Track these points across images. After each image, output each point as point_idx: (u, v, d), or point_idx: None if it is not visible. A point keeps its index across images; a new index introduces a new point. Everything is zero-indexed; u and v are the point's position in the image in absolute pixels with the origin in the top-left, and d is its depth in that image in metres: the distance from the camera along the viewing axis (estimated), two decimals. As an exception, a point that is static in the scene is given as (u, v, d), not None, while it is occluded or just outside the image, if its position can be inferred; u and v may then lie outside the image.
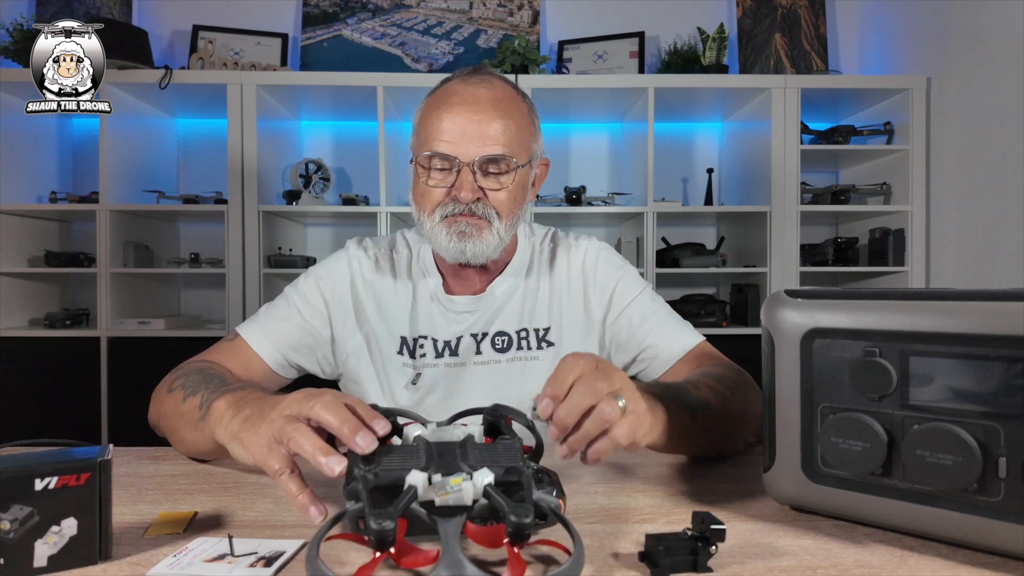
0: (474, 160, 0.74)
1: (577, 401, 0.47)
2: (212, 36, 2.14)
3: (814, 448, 0.47)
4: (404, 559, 0.39)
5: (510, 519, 0.37)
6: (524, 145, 0.78)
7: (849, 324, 0.45)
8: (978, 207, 1.74)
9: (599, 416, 0.47)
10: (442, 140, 0.74)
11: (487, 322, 0.83)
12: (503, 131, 0.75)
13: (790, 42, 2.21)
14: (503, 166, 0.76)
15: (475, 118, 0.74)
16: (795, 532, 0.46)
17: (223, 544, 0.43)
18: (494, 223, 0.76)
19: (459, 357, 0.81)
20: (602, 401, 0.47)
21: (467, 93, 0.76)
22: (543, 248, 0.88)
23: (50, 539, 0.39)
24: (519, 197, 0.79)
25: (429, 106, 0.79)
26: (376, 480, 0.41)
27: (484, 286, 0.83)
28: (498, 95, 0.77)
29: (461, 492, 0.40)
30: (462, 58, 2.25)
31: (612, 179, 2.33)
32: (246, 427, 0.52)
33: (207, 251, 2.13)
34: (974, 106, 1.75)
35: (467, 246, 0.75)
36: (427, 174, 0.76)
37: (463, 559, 0.36)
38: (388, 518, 0.36)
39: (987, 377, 0.40)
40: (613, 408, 0.47)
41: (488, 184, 0.76)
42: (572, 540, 0.38)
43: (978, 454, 0.39)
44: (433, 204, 0.77)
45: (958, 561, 0.41)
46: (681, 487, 0.56)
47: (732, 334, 1.94)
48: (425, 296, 0.84)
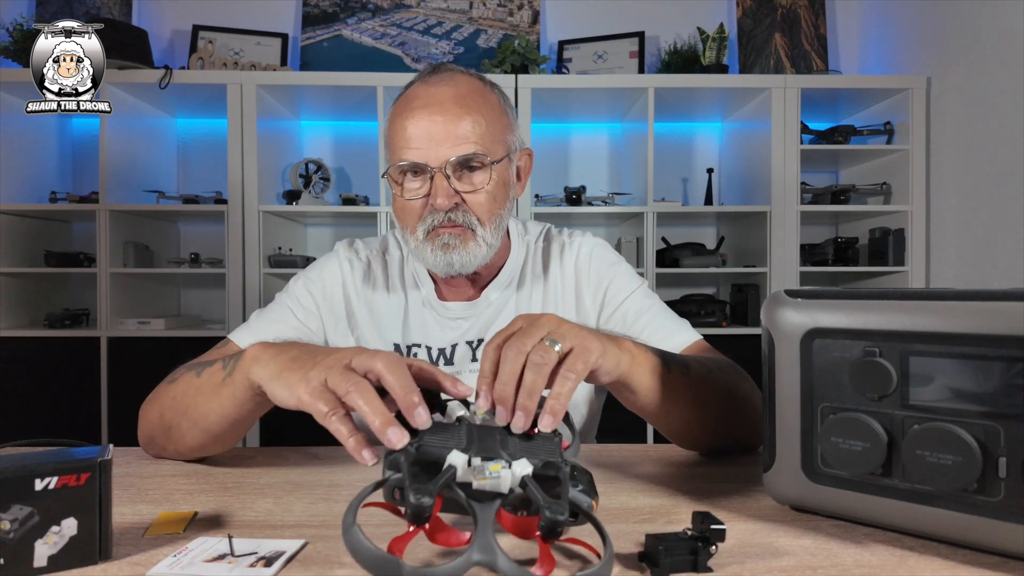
0: (445, 163, 0.70)
1: (508, 368, 0.45)
2: (212, 36, 2.14)
3: (814, 448, 0.47)
4: (437, 536, 0.40)
5: (545, 515, 0.37)
6: (498, 139, 0.74)
7: (849, 324, 0.45)
8: (978, 207, 1.74)
9: (532, 365, 0.45)
10: (409, 148, 0.71)
11: (482, 328, 0.80)
12: (472, 128, 0.71)
13: (790, 42, 2.21)
14: (477, 165, 0.72)
15: (440, 119, 0.70)
16: (795, 532, 0.46)
17: (223, 544, 0.43)
18: (477, 231, 0.73)
19: (455, 365, 0.80)
20: (531, 352, 0.45)
21: (429, 95, 0.72)
22: (536, 248, 0.85)
23: (50, 539, 0.39)
24: (500, 196, 0.75)
25: (393, 115, 0.75)
26: (417, 454, 0.41)
27: (478, 292, 0.81)
28: (461, 91, 0.73)
29: (499, 479, 0.40)
30: (462, 58, 2.25)
31: (612, 179, 2.33)
32: (293, 367, 0.49)
33: (207, 251, 2.13)
34: (974, 106, 1.75)
35: (453, 258, 0.72)
36: (401, 187, 0.73)
37: (496, 545, 0.36)
38: (427, 494, 0.37)
39: (987, 377, 0.40)
40: (545, 351, 0.45)
41: (464, 187, 0.72)
42: (603, 542, 0.38)
43: (978, 454, 0.39)
44: (414, 218, 0.73)
45: (958, 561, 0.41)
46: (681, 487, 0.56)
47: (732, 334, 1.94)
48: (417, 302, 0.81)
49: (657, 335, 0.77)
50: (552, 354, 0.46)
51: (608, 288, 0.82)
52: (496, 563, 0.36)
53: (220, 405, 0.57)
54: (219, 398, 0.56)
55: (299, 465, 0.63)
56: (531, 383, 0.45)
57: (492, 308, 0.81)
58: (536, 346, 0.46)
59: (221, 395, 0.56)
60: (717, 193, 2.22)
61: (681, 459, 0.66)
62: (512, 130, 0.78)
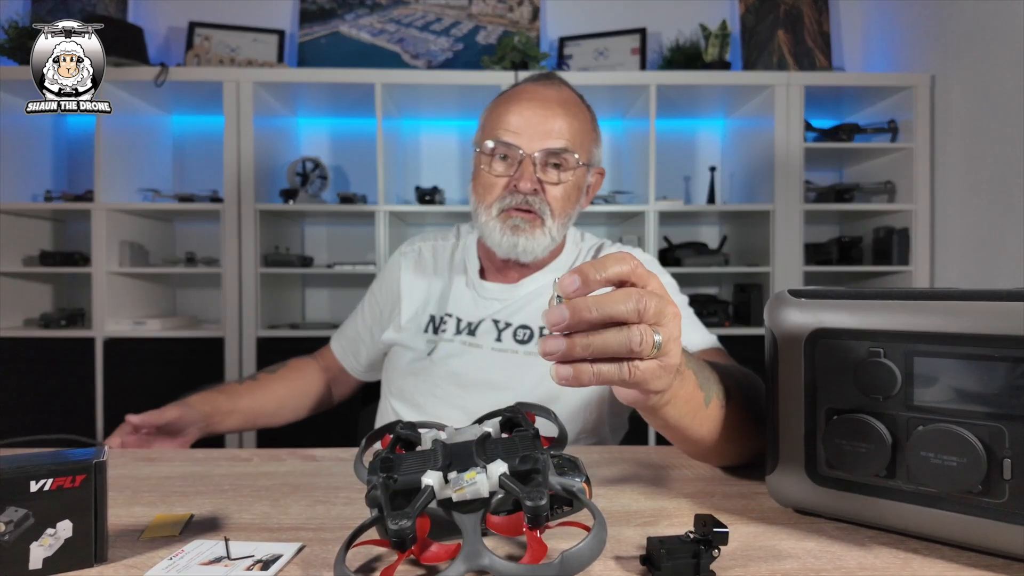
0: (537, 152, 0.77)
1: (613, 302, 0.36)
2: (208, 33, 2.12)
3: (818, 450, 0.46)
4: (425, 555, 0.40)
5: (526, 504, 0.38)
6: (585, 148, 0.81)
7: (853, 324, 0.44)
8: (983, 206, 1.73)
9: (625, 339, 0.37)
10: (508, 131, 0.78)
11: (512, 312, 0.84)
12: (568, 127, 0.79)
13: (793, 39, 2.20)
14: (564, 161, 0.78)
15: (542, 113, 0.78)
16: (798, 535, 0.46)
17: (219, 547, 0.43)
18: (547, 221, 0.79)
19: (476, 338, 0.83)
20: (638, 325, 0.37)
21: (536, 92, 0.80)
22: (588, 256, 0.90)
23: (45, 541, 0.39)
24: (574, 197, 0.81)
25: (498, 102, 0.83)
26: (395, 485, 0.41)
27: (519, 279, 0.86)
28: (565, 97, 0.81)
29: (476, 485, 0.40)
30: (461, 55, 2.24)
31: (613, 177, 2.32)
32: None
33: (203, 250, 2.12)
34: (979, 104, 1.75)
35: (519, 240, 0.78)
36: (489, 164, 0.80)
37: (482, 549, 0.36)
38: (405, 518, 0.37)
39: (992, 378, 0.39)
40: (647, 337, 0.37)
41: (548, 177, 0.79)
42: (594, 519, 0.38)
43: (983, 455, 0.39)
44: (492, 195, 0.80)
45: (962, 563, 0.41)
46: (683, 489, 0.56)
47: (735, 334, 1.93)
48: (461, 284, 0.89)
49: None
50: (648, 347, 0.37)
51: None
52: (485, 565, 0.36)
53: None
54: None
55: (296, 468, 0.63)
56: (605, 343, 0.37)
57: (526, 295, 0.85)
58: (643, 331, 0.37)
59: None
60: (720, 192, 2.21)
61: (683, 461, 0.65)
62: (598, 145, 0.86)
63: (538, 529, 0.38)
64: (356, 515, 0.50)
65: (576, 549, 0.36)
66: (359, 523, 0.40)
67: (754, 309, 2.01)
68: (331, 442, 0.74)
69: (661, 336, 0.38)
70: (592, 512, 0.39)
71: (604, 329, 0.37)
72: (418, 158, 2.29)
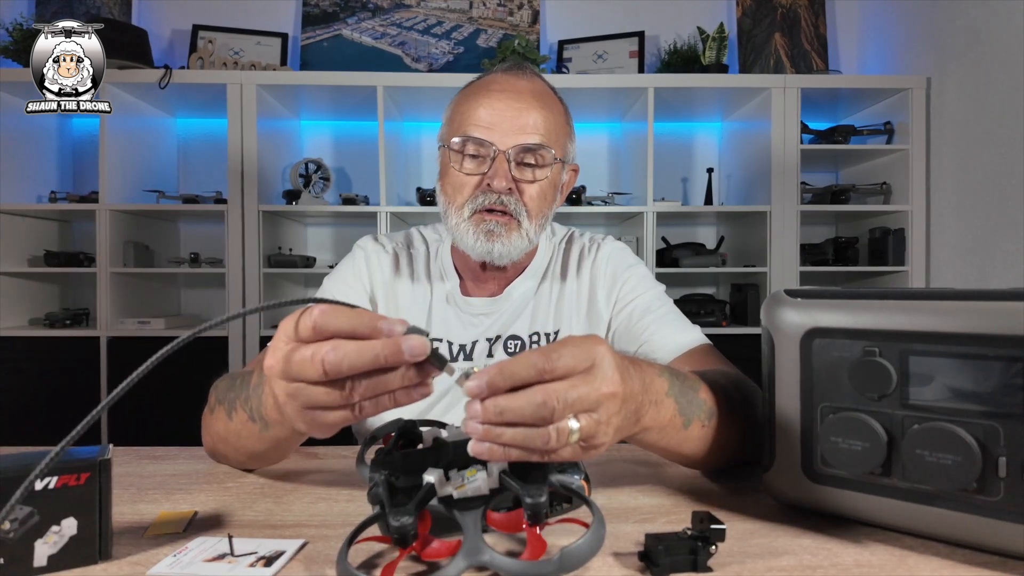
0: (511, 148, 0.71)
1: (519, 407, 0.36)
2: (212, 36, 2.14)
3: (814, 448, 0.47)
4: (430, 553, 0.40)
5: (526, 501, 0.38)
6: (561, 142, 0.76)
7: (849, 324, 0.45)
8: (978, 206, 1.74)
9: (535, 436, 0.37)
10: (479, 126, 0.71)
11: (502, 326, 0.81)
12: (543, 121, 0.72)
13: (790, 42, 2.21)
14: (540, 158, 0.73)
15: (515, 106, 0.72)
16: (795, 532, 0.46)
17: (223, 544, 0.43)
18: (523, 223, 0.73)
19: (473, 361, 0.80)
20: (550, 424, 0.37)
21: (508, 83, 0.74)
22: (559, 249, 0.86)
23: (50, 539, 0.39)
24: (549, 195, 0.76)
25: (465, 94, 0.76)
26: (397, 483, 0.42)
27: (501, 288, 0.82)
28: (539, 88, 0.75)
29: (477, 482, 0.41)
30: (462, 58, 2.25)
31: (612, 179, 2.33)
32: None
33: (207, 251, 2.13)
34: (974, 106, 1.75)
35: (495, 247, 0.73)
36: (459, 162, 0.73)
37: (482, 545, 0.37)
38: (406, 514, 0.37)
39: (987, 377, 0.40)
40: (560, 435, 0.37)
41: (523, 175, 0.73)
42: (593, 516, 0.38)
43: (978, 453, 0.39)
44: (463, 195, 0.73)
45: (957, 560, 0.41)
46: (681, 487, 0.56)
47: (732, 334, 1.94)
48: (441, 297, 0.82)
49: (660, 333, 0.77)
50: (561, 442, 0.37)
51: (622, 287, 0.83)
52: (486, 561, 0.36)
53: (276, 446, 0.54)
54: (264, 442, 0.53)
55: (299, 465, 0.63)
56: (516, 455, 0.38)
57: (513, 305, 0.82)
58: (555, 430, 0.37)
59: (266, 442, 0.53)
60: (717, 193, 2.22)
61: (681, 459, 0.65)
62: (571, 140, 0.80)
63: (538, 526, 0.39)
64: (358, 512, 0.50)
65: (575, 546, 0.36)
66: (361, 520, 0.40)
67: (751, 309, 2.02)
68: (333, 440, 0.74)
69: (581, 423, 0.38)
70: (591, 509, 0.39)
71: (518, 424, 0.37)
72: (419, 160, 2.30)
